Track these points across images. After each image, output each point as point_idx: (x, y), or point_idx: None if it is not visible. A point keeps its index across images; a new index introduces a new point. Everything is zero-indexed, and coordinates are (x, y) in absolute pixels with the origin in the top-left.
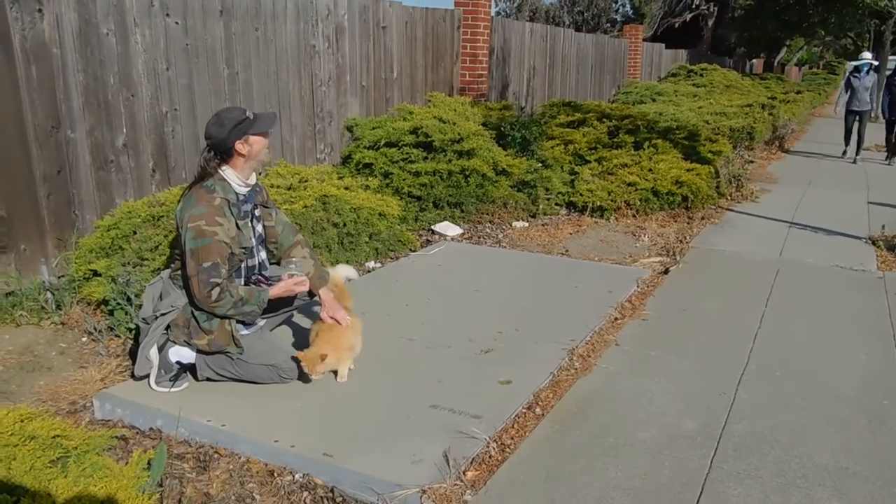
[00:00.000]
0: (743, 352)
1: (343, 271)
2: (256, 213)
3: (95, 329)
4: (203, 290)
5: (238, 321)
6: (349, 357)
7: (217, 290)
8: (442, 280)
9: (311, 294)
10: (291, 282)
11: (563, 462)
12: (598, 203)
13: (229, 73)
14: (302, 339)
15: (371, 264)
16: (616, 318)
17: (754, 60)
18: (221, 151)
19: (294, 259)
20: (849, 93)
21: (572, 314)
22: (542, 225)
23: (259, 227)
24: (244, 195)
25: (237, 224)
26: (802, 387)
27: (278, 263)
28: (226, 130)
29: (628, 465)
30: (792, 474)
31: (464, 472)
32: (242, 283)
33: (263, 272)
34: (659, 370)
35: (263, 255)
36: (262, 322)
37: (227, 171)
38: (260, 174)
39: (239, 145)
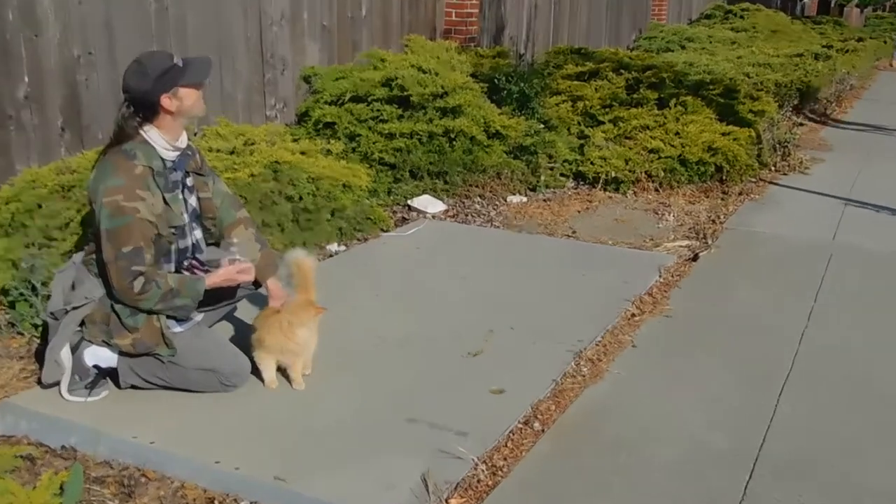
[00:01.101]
0: (786, 355)
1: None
2: (188, 182)
3: None
4: (124, 279)
5: (169, 316)
6: (302, 357)
7: (141, 279)
8: (421, 267)
9: (257, 284)
10: (233, 269)
11: (567, 486)
12: (613, 174)
13: (157, 7)
14: (248, 337)
15: (333, 247)
16: (633, 315)
17: (806, 0)
18: (144, 107)
19: (236, 240)
20: None
21: (580, 309)
22: (544, 200)
23: (192, 200)
24: (173, 161)
25: (164, 198)
26: (857, 398)
27: (217, 245)
28: (149, 81)
29: (645, 490)
30: (842, 503)
31: (446, 500)
32: (173, 270)
33: (199, 256)
34: (684, 377)
35: (199, 234)
36: (198, 317)
37: (151, 132)
38: (195, 134)
39: (165, 99)
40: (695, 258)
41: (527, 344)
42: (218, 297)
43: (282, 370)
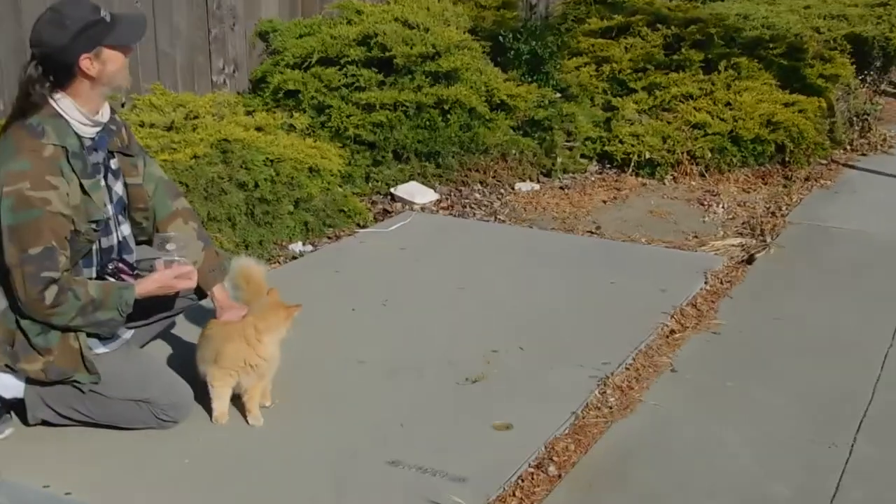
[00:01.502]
0: (866, 382)
1: (246, 265)
2: (112, 165)
3: None
4: (31, 289)
5: (90, 334)
6: (265, 380)
7: (53, 288)
8: (408, 272)
9: (200, 293)
10: (170, 273)
11: None
12: (648, 155)
13: None
14: (190, 359)
15: (297, 247)
16: (672, 331)
17: None
18: (57, 69)
19: (174, 237)
20: None
21: (606, 324)
22: (561, 188)
23: (118, 188)
24: (92, 139)
25: (82, 185)
26: None
27: (150, 243)
28: (67, 35)
29: None
30: None
31: None
32: (94, 276)
33: (126, 257)
34: (736, 409)
35: (126, 230)
36: (127, 335)
37: (64, 102)
38: (122, 106)
39: (85, 61)
40: (749, 260)
41: (540, 368)
42: (151, 308)
43: (232, 400)
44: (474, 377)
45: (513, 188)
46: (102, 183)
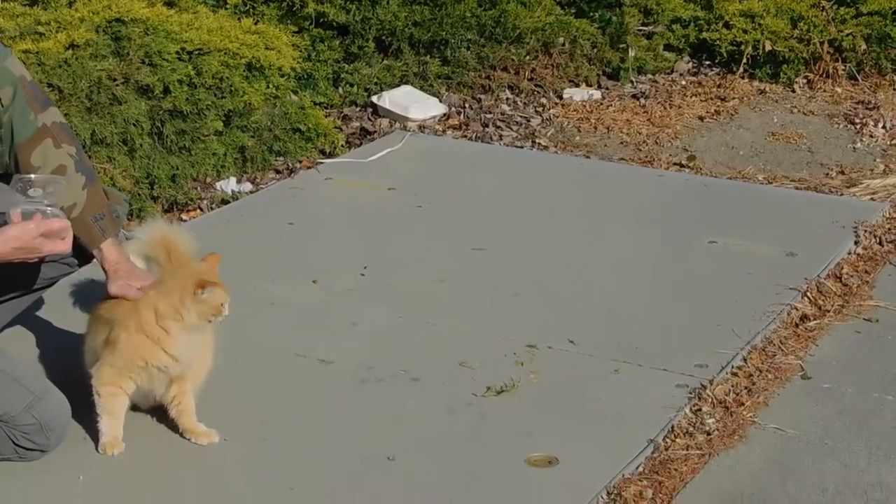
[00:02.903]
0: None
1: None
2: None
3: None
4: None
5: None
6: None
7: None
8: (398, 224)
9: (82, 255)
10: (33, 229)
11: None
12: (768, 46)
13: None
14: (69, 352)
15: (229, 185)
16: (805, 317)
17: None
18: None
19: (39, 171)
20: None
21: (702, 307)
22: (635, 97)
23: None
24: None
25: None
26: None
27: (5, 179)
28: None
29: None
30: None
31: None
32: None
33: None
34: None
35: None
36: None
37: None
38: None
39: None
40: None
41: (599, 372)
42: (4, 281)
43: (160, 417)
44: (499, 386)
45: (560, 97)
46: None
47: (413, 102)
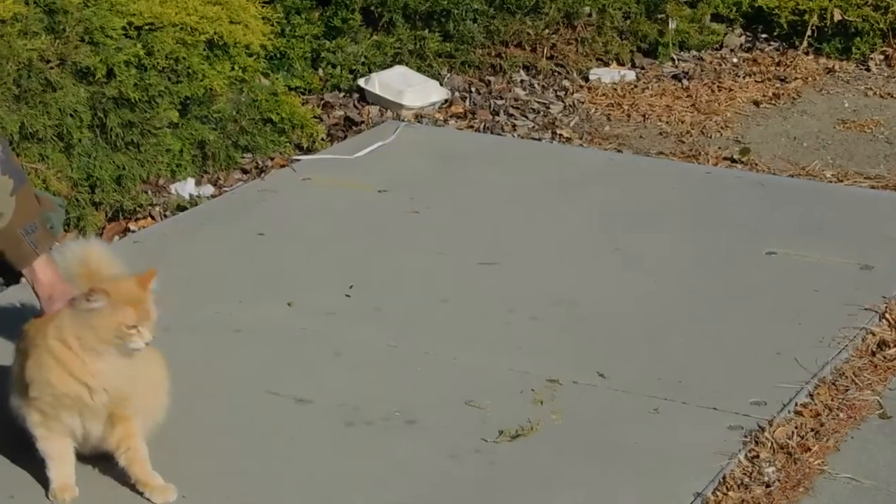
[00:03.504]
0: None
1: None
2: None
3: None
4: None
5: None
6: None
7: None
8: (390, 234)
9: (9, 273)
10: None
11: None
12: (837, 16)
13: None
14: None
15: (187, 188)
16: (883, 343)
17: None
18: None
19: None
20: None
21: (758, 332)
22: (677, 77)
23: None
24: None
25: None
26: None
27: None
28: None
29: None
30: None
31: None
32: None
33: None
34: None
35: None
36: None
37: None
38: None
39: None
40: None
41: (636, 412)
42: None
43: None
44: (514, 430)
45: (585, 78)
46: None
47: (408, 86)
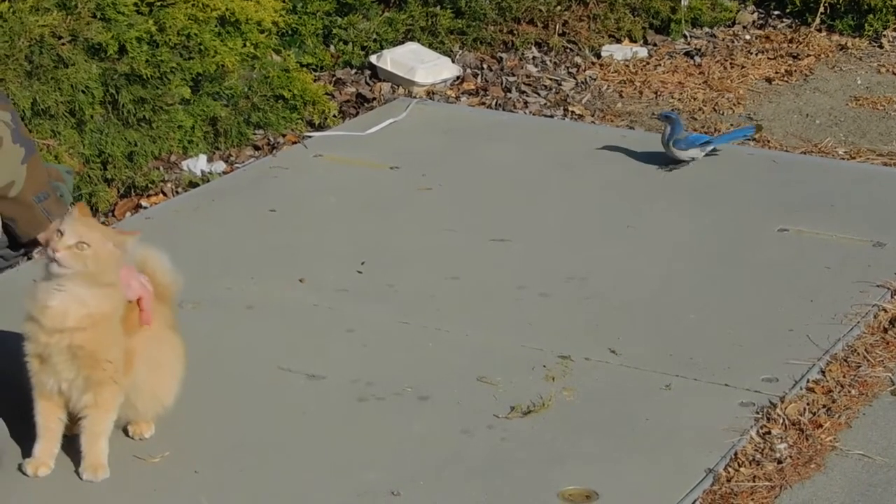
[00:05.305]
0: None
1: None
2: None
3: None
4: None
5: None
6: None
7: None
8: (402, 211)
9: (16, 244)
10: None
11: None
12: None
13: None
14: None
15: (199, 164)
16: (894, 319)
17: None
18: None
19: None
20: None
21: (770, 309)
22: (689, 54)
23: None
24: None
25: None
26: None
27: None
28: None
29: None
30: None
31: None
32: None
33: None
34: None
35: None
36: None
37: None
38: None
39: None
40: None
41: (648, 388)
42: None
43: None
44: (526, 406)
45: (598, 55)
46: None
47: (420, 63)
